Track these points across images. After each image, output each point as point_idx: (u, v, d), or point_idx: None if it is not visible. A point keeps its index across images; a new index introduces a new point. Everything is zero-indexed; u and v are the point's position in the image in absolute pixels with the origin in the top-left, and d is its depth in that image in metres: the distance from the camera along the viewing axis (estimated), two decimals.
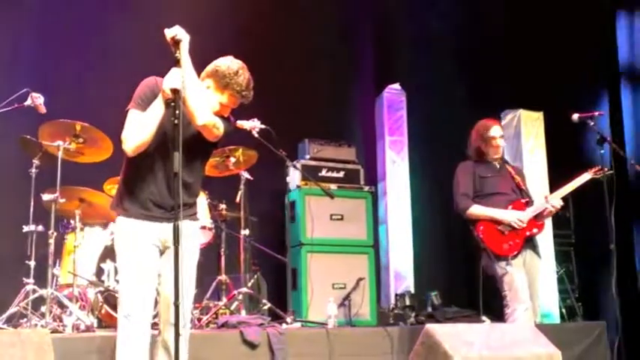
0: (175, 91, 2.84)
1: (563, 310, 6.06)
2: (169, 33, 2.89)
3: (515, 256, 4.00)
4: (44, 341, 2.73)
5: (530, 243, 4.13)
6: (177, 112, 2.86)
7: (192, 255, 3.06)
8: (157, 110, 2.93)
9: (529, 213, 4.10)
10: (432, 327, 3.12)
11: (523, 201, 4.19)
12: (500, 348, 3.14)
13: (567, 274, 6.35)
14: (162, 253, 3.03)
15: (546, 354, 3.18)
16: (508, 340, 3.20)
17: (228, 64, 3.05)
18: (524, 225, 4.07)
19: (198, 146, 3.02)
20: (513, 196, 4.21)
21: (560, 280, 6.24)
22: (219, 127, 3.01)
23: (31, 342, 2.68)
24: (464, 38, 6.81)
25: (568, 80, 6.30)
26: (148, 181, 2.99)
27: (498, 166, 4.33)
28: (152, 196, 2.99)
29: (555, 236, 6.17)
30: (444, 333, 3.06)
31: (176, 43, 2.88)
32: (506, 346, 3.15)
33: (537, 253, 4.17)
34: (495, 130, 4.30)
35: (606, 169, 3.96)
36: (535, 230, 4.12)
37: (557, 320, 5.92)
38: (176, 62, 2.89)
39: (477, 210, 4.14)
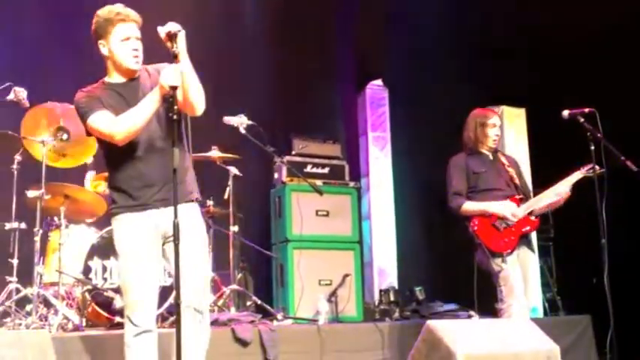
0: (174, 88, 2.81)
1: (546, 304, 6.14)
2: (163, 30, 2.85)
3: (510, 253, 3.99)
4: (45, 342, 2.67)
5: (525, 239, 4.12)
6: (175, 107, 2.84)
7: (201, 244, 3.05)
8: (154, 104, 2.90)
9: (523, 209, 4.07)
10: (433, 323, 3.13)
11: (517, 197, 4.15)
12: (501, 344, 3.16)
13: (547, 268, 6.44)
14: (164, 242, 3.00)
15: (546, 349, 3.21)
16: (508, 335, 3.22)
17: (94, 18, 3.01)
18: (516, 220, 4.05)
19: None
20: (508, 192, 4.16)
21: (540, 274, 6.32)
22: None
23: (32, 343, 2.62)
24: (448, 33, 6.82)
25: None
26: (135, 164, 2.97)
27: (492, 157, 4.26)
28: (142, 179, 2.96)
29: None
30: (446, 329, 3.07)
31: (172, 37, 2.85)
32: (506, 342, 3.17)
33: (531, 248, 4.17)
34: (494, 119, 4.24)
35: (598, 168, 3.87)
36: (529, 227, 4.10)
37: (541, 314, 5.99)
38: (174, 57, 2.85)
39: (470, 206, 4.11)
